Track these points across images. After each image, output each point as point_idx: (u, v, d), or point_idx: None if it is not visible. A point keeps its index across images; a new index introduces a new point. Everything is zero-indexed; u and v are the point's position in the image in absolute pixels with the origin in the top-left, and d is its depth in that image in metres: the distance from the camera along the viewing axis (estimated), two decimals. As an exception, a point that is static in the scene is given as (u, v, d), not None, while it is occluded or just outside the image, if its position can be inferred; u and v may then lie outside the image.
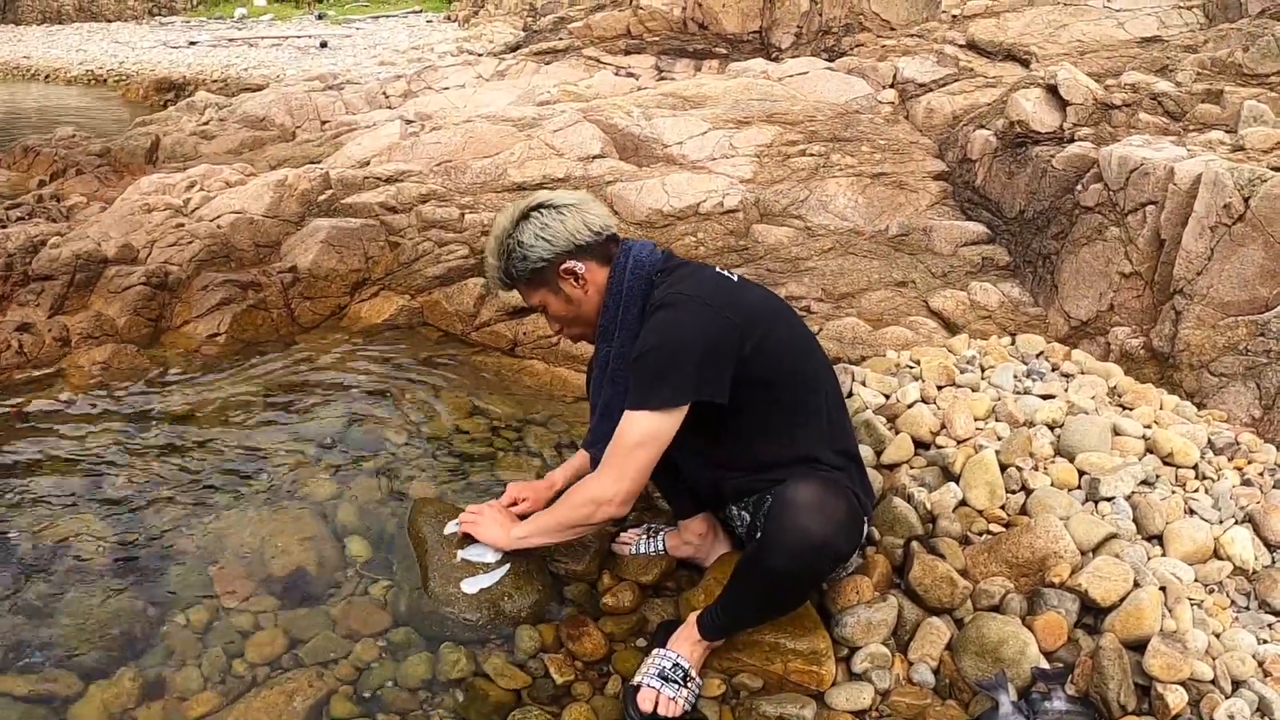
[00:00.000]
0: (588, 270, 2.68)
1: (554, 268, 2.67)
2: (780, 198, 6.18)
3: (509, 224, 2.70)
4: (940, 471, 3.13)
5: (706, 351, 2.45)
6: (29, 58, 25.30)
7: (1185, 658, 2.39)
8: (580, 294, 2.71)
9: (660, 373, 2.44)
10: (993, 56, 8.58)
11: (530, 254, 2.66)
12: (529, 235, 2.66)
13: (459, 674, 2.64)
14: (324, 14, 33.68)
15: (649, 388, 2.46)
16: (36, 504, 3.34)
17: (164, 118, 11.40)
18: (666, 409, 2.45)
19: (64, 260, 5.06)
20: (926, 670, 2.61)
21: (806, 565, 2.43)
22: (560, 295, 2.73)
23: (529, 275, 2.70)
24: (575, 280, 2.69)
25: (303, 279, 5.23)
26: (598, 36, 12.06)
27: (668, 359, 2.44)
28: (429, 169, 6.77)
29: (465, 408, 4.16)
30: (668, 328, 2.48)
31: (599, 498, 2.57)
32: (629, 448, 2.50)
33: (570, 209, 2.69)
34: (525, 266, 2.68)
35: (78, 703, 2.53)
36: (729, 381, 2.46)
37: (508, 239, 2.69)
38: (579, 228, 2.66)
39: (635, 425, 2.48)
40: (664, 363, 2.44)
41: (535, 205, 2.71)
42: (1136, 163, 4.42)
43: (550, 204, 2.70)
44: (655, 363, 2.45)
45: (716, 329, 2.47)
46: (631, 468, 2.51)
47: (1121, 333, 4.23)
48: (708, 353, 2.45)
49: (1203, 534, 2.77)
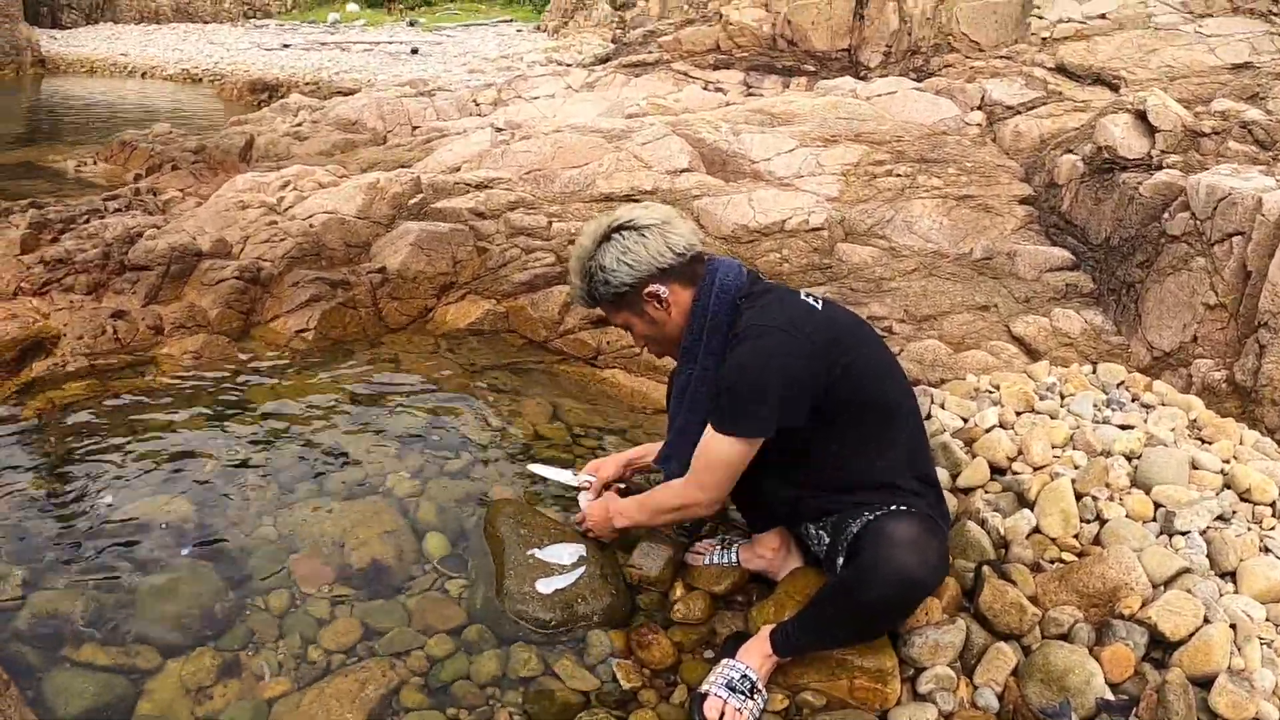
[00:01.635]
0: (671, 293, 2.68)
1: (637, 292, 2.68)
2: (865, 217, 6.18)
3: (591, 245, 2.70)
4: (1015, 497, 3.13)
5: (789, 382, 2.48)
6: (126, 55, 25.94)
7: (1252, 697, 2.36)
8: (664, 316, 2.72)
9: (745, 403, 2.48)
10: (1081, 80, 8.48)
11: (613, 278, 2.67)
12: (610, 259, 2.66)
13: (529, 673, 2.69)
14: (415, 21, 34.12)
15: (734, 416, 2.51)
16: (125, 485, 3.44)
17: (258, 118, 11.66)
18: (746, 438, 2.52)
19: (160, 252, 5.21)
20: (991, 695, 2.61)
21: (899, 601, 2.46)
22: (644, 317, 2.74)
23: (612, 298, 2.72)
24: (658, 303, 2.69)
25: (391, 280, 5.34)
26: (687, 51, 12.10)
27: (753, 391, 2.47)
28: (518, 177, 6.87)
29: (546, 414, 4.22)
30: (754, 358, 2.49)
31: (689, 502, 2.74)
32: (711, 467, 2.61)
33: (653, 230, 2.67)
34: (608, 290, 2.69)
35: (156, 676, 2.61)
36: (809, 408, 2.50)
37: (590, 261, 2.70)
38: (661, 250, 2.65)
39: (718, 448, 2.57)
40: (749, 394, 2.48)
41: (618, 226, 2.69)
42: (1224, 192, 4.37)
43: (633, 224, 2.68)
44: (741, 393, 2.48)
45: (801, 358, 2.49)
46: (713, 482, 2.64)
47: (1204, 365, 4.18)
48: (790, 383, 2.48)
49: (1277, 573, 2.72)
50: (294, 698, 2.57)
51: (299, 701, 2.55)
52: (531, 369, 4.79)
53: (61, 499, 3.34)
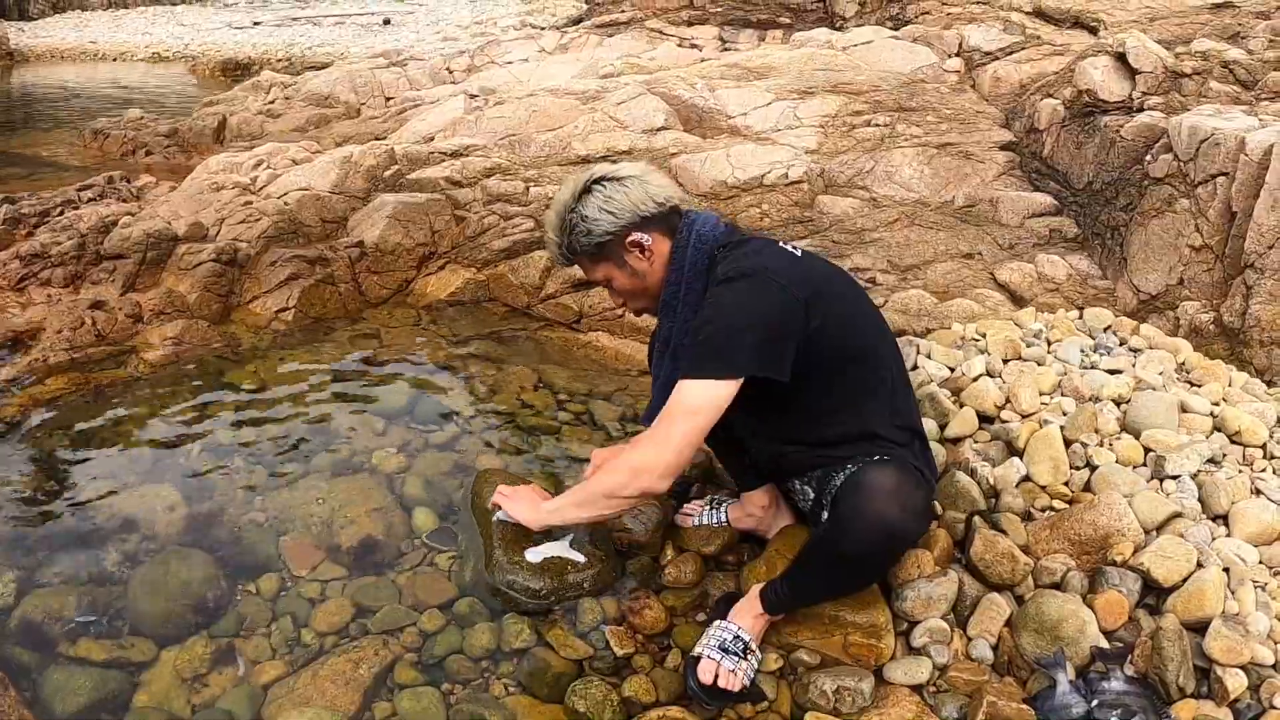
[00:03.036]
0: (653, 242, 2.65)
1: (619, 240, 2.64)
2: (845, 168, 6.14)
3: (570, 198, 2.66)
4: (1004, 446, 3.12)
5: (769, 326, 2.41)
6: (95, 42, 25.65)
7: (1247, 641, 2.37)
8: (645, 266, 2.68)
9: (719, 345, 2.40)
10: (1060, 23, 8.42)
11: (595, 227, 2.62)
12: (592, 209, 2.62)
13: (522, 644, 2.68)
14: (387, -10, 33.78)
15: (706, 358, 2.41)
16: (111, 475, 3.42)
17: (230, 97, 11.53)
18: (721, 379, 2.38)
19: (135, 239, 5.16)
20: (985, 646, 2.61)
21: (881, 551, 2.44)
22: (625, 268, 2.69)
23: (593, 249, 2.66)
24: (640, 252, 2.65)
25: (369, 254, 5.29)
26: (660, 8, 12.00)
27: (728, 332, 2.41)
28: (493, 143, 6.81)
29: (531, 381, 4.20)
30: (730, 301, 2.45)
31: (638, 466, 2.46)
32: (678, 415, 2.42)
33: (633, 180, 2.65)
34: (590, 240, 2.64)
35: (151, 668, 2.61)
36: (790, 359, 2.42)
37: (570, 213, 2.65)
38: (643, 199, 2.62)
39: (688, 393, 2.41)
40: (724, 335, 2.41)
41: (597, 178, 2.66)
42: (1207, 133, 4.34)
43: (613, 176, 2.66)
44: (715, 334, 2.41)
45: (780, 305, 2.43)
46: (678, 436, 2.41)
47: (1191, 307, 4.17)
48: (770, 328, 2.41)
49: (1269, 515, 2.72)
50: (288, 681, 2.56)
51: (294, 684, 2.54)
52: (515, 336, 4.76)
53: (48, 495, 3.31)
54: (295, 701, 2.48)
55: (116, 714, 2.47)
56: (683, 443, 2.43)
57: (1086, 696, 2.38)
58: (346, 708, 2.46)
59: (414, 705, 2.50)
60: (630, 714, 2.48)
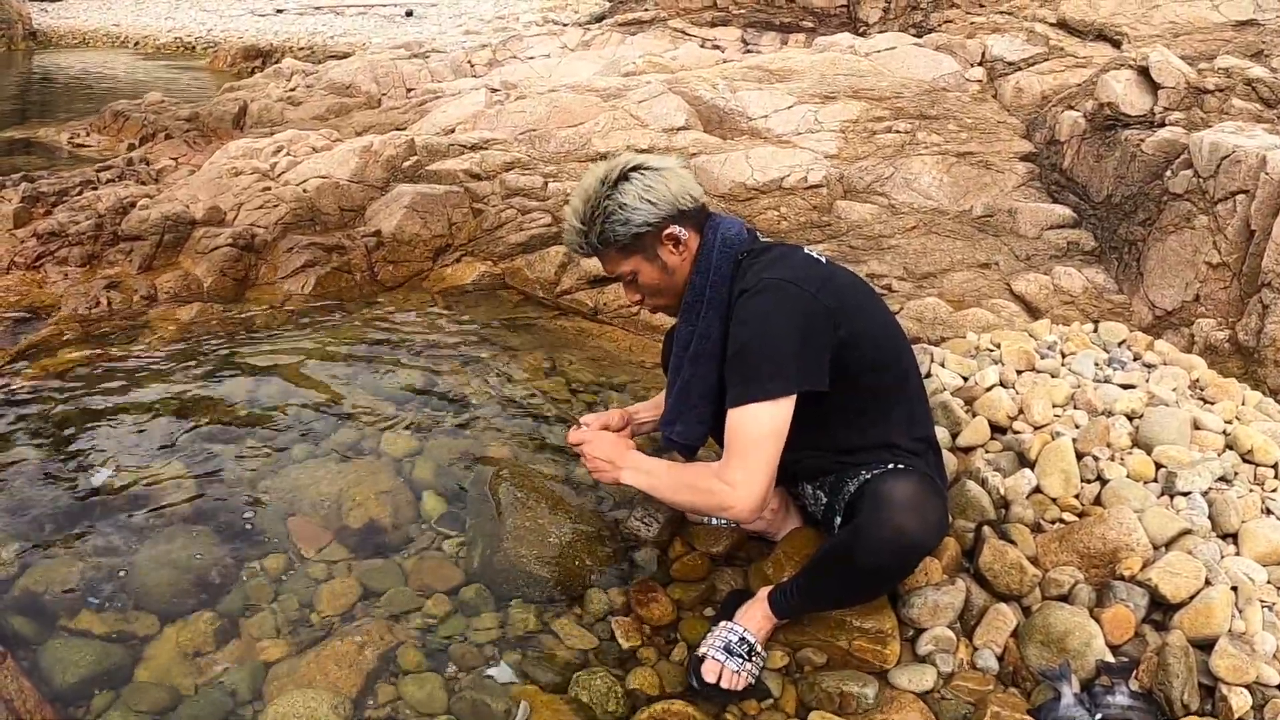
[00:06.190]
0: (688, 237, 2.60)
1: (657, 233, 2.56)
2: (864, 174, 6.13)
3: (602, 186, 2.56)
4: (1015, 457, 3.11)
5: (804, 338, 2.38)
6: (118, 25, 25.75)
7: (1253, 660, 2.35)
8: (677, 261, 2.60)
9: (763, 364, 2.36)
10: (1083, 36, 8.40)
11: (634, 216, 2.52)
12: (632, 197, 2.52)
13: (527, 632, 2.68)
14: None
15: (759, 379, 2.36)
16: (120, 450, 3.41)
17: (251, 84, 11.58)
18: (778, 398, 2.35)
19: (153, 221, 5.18)
20: (990, 656, 2.60)
21: (897, 563, 2.42)
22: (656, 262, 2.61)
23: (629, 239, 2.57)
24: (675, 246, 2.58)
25: (386, 243, 5.30)
26: (683, 8, 12.01)
27: (774, 346, 2.37)
28: (513, 137, 6.82)
29: (544, 369, 4.20)
30: (763, 316, 2.41)
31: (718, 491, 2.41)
32: (755, 444, 2.36)
33: (670, 172, 2.57)
34: (626, 230, 2.54)
35: (154, 642, 2.59)
36: (828, 367, 2.39)
37: (605, 200, 2.54)
38: (682, 192, 2.56)
39: (757, 418, 2.35)
40: (771, 350, 2.37)
41: (634, 166, 2.57)
42: (1228, 150, 4.33)
43: (649, 165, 2.57)
44: (758, 354, 2.38)
45: (811, 314, 2.40)
46: (763, 461, 2.36)
47: (1206, 324, 4.15)
48: (805, 339, 2.38)
49: (1278, 535, 2.71)
50: (292, 660, 2.55)
51: (297, 664, 2.53)
52: (530, 323, 4.76)
53: (57, 467, 3.30)
54: (297, 681, 2.47)
55: (117, 687, 2.46)
56: (767, 467, 2.38)
57: (1090, 710, 2.37)
58: (349, 690, 2.45)
59: (417, 690, 2.49)
60: (634, 706, 2.48)
